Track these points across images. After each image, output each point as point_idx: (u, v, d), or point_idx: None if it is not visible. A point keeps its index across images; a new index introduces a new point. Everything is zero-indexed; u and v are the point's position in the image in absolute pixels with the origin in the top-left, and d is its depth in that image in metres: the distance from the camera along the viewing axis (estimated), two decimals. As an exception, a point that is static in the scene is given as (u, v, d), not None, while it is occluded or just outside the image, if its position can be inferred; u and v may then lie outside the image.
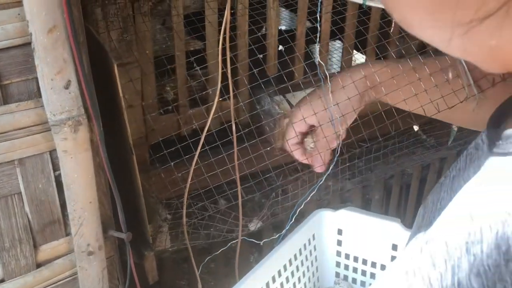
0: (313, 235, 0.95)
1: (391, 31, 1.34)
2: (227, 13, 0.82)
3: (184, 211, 1.16)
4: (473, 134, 0.95)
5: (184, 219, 1.17)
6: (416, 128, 1.63)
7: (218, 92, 1.03)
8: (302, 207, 1.20)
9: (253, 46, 1.24)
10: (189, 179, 1.13)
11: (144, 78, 1.20)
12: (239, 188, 1.12)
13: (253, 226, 1.45)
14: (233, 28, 1.29)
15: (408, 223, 1.84)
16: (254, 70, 1.16)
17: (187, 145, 1.22)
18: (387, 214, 1.73)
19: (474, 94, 0.59)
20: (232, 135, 1.10)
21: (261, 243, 1.29)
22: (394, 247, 0.90)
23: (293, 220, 1.08)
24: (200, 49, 1.41)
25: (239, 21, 1.26)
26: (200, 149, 1.09)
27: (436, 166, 1.84)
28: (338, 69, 1.58)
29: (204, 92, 1.06)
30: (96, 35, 1.06)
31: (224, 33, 0.88)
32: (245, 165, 1.31)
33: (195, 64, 1.11)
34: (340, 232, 0.95)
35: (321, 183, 1.02)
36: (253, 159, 1.22)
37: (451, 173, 0.54)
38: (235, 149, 1.07)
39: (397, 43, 1.35)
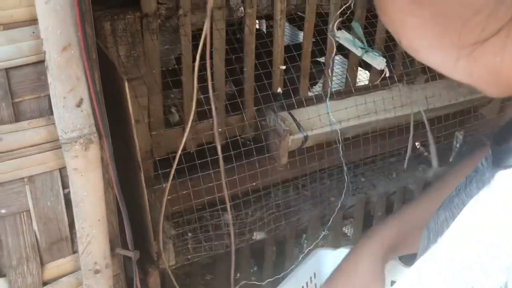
0: (314, 274, 0.98)
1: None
2: (206, 26, 0.81)
3: (161, 233, 1.15)
4: (474, 150, 0.95)
5: (161, 242, 1.15)
6: (418, 145, 1.65)
7: (193, 110, 1.01)
8: (311, 247, 1.23)
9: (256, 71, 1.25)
10: (165, 199, 1.12)
11: (150, 96, 1.20)
12: (228, 209, 1.12)
13: (257, 235, 1.45)
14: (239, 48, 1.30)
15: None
16: (259, 95, 1.16)
17: (193, 160, 1.23)
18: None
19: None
20: (218, 154, 1.08)
21: (263, 283, 1.32)
22: (393, 283, 0.92)
23: (300, 258, 1.10)
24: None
25: (246, 39, 1.26)
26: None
27: (437, 182, 1.84)
28: (343, 85, 1.58)
29: (208, 120, 1.04)
30: (105, 50, 1.05)
31: (204, 47, 0.84)
32: (249, 180, 1.32)
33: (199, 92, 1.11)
34: None
35: (323, 233, 1.03)
36: (253, 175, 1.22)
37: (450, 194, 0.55)
38: (222, 169, 1.06)
39: (401, 67, 1.36)
